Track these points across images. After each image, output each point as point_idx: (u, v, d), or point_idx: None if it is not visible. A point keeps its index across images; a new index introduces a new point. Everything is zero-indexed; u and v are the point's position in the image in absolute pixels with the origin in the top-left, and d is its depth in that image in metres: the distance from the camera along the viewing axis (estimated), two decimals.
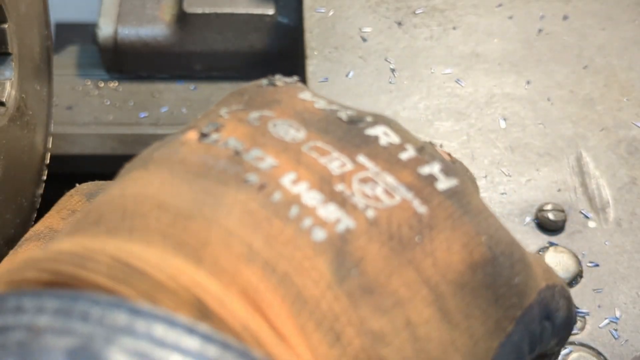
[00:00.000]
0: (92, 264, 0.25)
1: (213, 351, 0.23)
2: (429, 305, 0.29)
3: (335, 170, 0.30)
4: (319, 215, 0.29)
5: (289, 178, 0.30)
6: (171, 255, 0.26)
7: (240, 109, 0.33)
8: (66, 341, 0.23)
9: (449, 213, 0.31)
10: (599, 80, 0.62)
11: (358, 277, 0.28)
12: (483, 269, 0.30)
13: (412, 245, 0.29)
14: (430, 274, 0.29)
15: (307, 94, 0.35)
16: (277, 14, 0.75)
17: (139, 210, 0.28)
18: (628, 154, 0.58)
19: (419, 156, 0.32)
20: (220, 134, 0.31)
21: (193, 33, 0.75)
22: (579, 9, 0.66)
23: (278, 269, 0.27)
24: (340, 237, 0.28)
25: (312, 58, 0.63)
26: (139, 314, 0.24)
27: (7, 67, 0.52)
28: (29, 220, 0.55)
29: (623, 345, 0.50)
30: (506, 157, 0.58)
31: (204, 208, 0.28)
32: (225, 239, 0.27)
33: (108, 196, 0.30)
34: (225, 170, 0.30)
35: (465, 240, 0.30)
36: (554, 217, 0.54)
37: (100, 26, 0.75)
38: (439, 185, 0.31)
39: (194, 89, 0.77)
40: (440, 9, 0.66)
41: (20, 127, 0.53)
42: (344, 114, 0.34)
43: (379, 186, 0.30)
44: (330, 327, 0.27)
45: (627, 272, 0.53)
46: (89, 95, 0.76)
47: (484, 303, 0.30)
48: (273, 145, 0.31)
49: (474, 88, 0.62)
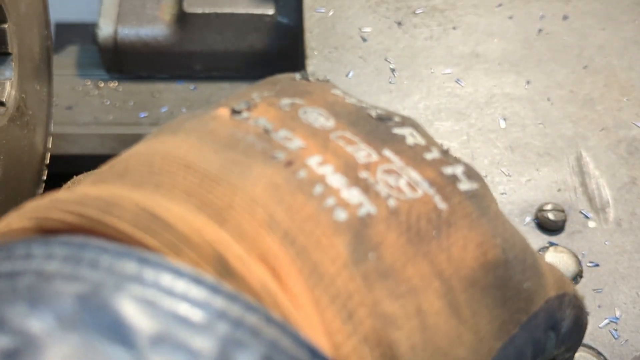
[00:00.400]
0: (118, 210, 0.26)
1: (220, 302, 0.23)
2: (440, 297, 0.29)
3: (361, 159, 0.31)
4: (342, 197, 0.29)
5: (315, 160, 0.30)
6: (195, 213, 0.27)
7: (272, 95, 0.34)
8: (76, 287, 0.23)
9: (467, 212, 0.31)
10: (599, 80, 0.62)
11: (374, 261, 0.28)
12: (495, 270, 0.31)
13: (429, 238, 0.30)
14: (443, 268, 0.30)
15: (339, 90, 0.36)
16: (277, 14, 0.75)
17: (167, 168, 0.28)
18: (628, 154, 0.58)
19: (443, 158, 0.33)
20: (251, 113, 0.32)
21: (193, 33, 0.75)
22: (579, 9, 0.66)
23: (297, 242, 0.27)
24: (360, 220, 0.29)
25: (312, 58, 0.63)
26: (148, 263, 0.24)
27: (7, 67, 0.52)
28: None
29: (623, 345, 0.50)
30: (506, 157, 0.58)
31: (231, 175, 0.28)
32: (248, 205, 0.27)
33: (134, 152, 0.30)
34: (253, 145, 0.30)
35: (481, 240, 0.31)
36: (554, 217, 0.54)
37: (100, 26, 0.75)
38: (461, 186, 0.32)
39: (194, 89, 0.77)
40: (440, 9, 0.66)
41: (20, 127, 0.53)
42: (373, 111, 0.34)
43: (402, 179, 0.31)
44: (343, 305, 0.27)
45: (627, 272, 0.53)
46: (89, 95, 0.76)
47: (492, 303, 0.30)
48: (302, 129, 0.31)
49: (474, 88, 0.62)
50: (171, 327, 0.22)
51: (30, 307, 0.22)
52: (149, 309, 0.23)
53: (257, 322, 0.24)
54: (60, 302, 0.22)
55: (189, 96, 0.76)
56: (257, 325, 0.24)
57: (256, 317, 0.24)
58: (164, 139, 0.31)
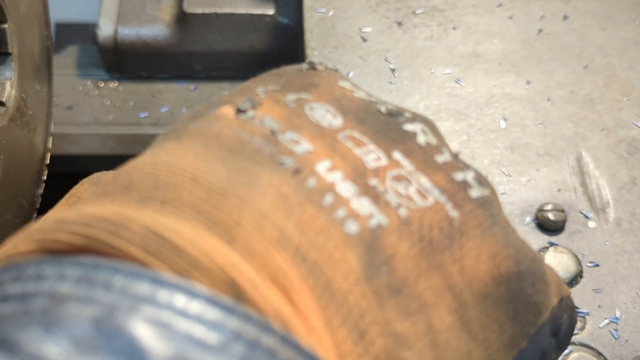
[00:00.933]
0: (126, 233, 0.25)
1: (235, 323, 0.23)
2: (451, 312, 0.29)
3: (370, 163, 0.30)
4: (352, 207, 0.28)
5: (324, 165, 0.29)
6: (204, 232, 0.26)
7: (277, 90, 0.33)
8: (90, 309, 0.22)
9: (479, 221, 0.30)
10: (599, 80, 0.62)
11: (387, 275, 0.28)
12: (507, 283, 0.30)
13: (441, 248, 0.29)
14: (456, 281, 0.29)
15: (347, 82, 0.35)
16: (277, 14, 0.75)
17: (172, 181, 0.28)
18: (628, 154, 0.58)
19: (454, 162, 0.32)
20: (257, 112, 0.31)
21: (193, 33, 0.75)
22: (579, 9, 0.66)
23: (308, 258, 0.26)
24: (371, 232, 0.28)
25: (312, 58, 0.63)
26: (161, 284, 0.23)
27: (7, 67, 0.52)
28: (29, 220, 0.55)
29: (623, 345, 0.50)
30: (506, 157, 0.58)
31: (238, 187, 0.27)
32: (257, 221, 0.27)
33: (139, 163, 0.29)
34: (260, 149, 0.29)
35: (494, 252, 0.30)
36: (554, 217, 0.54)
37: (100, 26, 0.75)
38: (472, 193, 0.31)
39: (194, 89, 0.77)
40: (440, 9, 0.66)
41: (20, 127, 0.53)
42: (383, 106, 0.33)
43: (412, 186, 0.30)
44: (355, 324, 0.26)
45: (627, 272, 0.53)
46: (89, 95, 0.76)
47: (502, 317, 0.30)
48: (309, 129, 0.31)
49: (474, 88, 0.62)
50: (187, 349, 0.22)
51: (45, 331, 0.22)
52: (164, 331, 0.22)
53: (273, 343, 0.23)
54: (75, 325, 0.22)
55: (189, 96, 0.76)
56: (273, 347, 0.23)
57: (272, 339, 0.23)
58: (169, 146, 0.30)
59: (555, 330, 0.33)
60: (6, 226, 0.51)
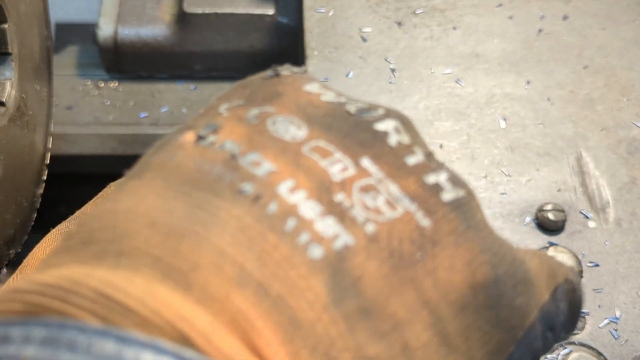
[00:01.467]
0: (75, 299, 0.25)
1: None
2: (427, 328, 0.28)
3: (336, 175, 0.29)
4: (316, 230, 0.28)
5: (287, 186, 0.29)
6: (159, 283, 0.26)
7: (240, 105, 0.32)
8: None
9: (453, 227, 0.30)
10: (599, 80, 0.62)
11: (355, 297, 0.27)
12: (485, 290, 0.29)
13: (413, 262, 0.28)
14: (430, 295, 0.28)
15: (315, 85, 0.34)
16: (277, 14, 0.75)
17: (129, 230, 0.27)
18: (628, 154, 0.58)
19: (427, 162, 0.31)
20: (218, 136, 0.30)
21: (193, 33, 0.75)
22: (579, 9, 0.66)
23: (271, 291, 0.26)
24: (337, 254, 0.27)
25: (312, 58, 0.63)
26: (126, 342, 0.23)
27: (7, 67, 0.52)
28: (29, 220, 0.55)
29: (623, 345, 0.50)
30: (506, 157, 0.58)
31: (197, 225, 0.27)
32: (216, 260, 0.26)
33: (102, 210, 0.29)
34: (220, 178, 0.29)
35: (469, 258, 0.29)
36: (554, 217, 0.54)
37: (100, 26, 0.75)
38: (445, 196, 0.30)
39: (194, 89, 0.77)
40: (440, 9, 0.66)
41: (20, 127, 0.53)
42: (352, 106, 0.32)
43: (380, 196, 0.29)
44: (325, 353, 0.26)
45: (627, 272, 0.53)
46: (89, 95, 0.76)
47: (485, 325, 0.29)
48: (271, 147, 0.30)
49: (474, 88, 0.62)
50: None
51: None
52: None
53: None
54: None
55: (189, 96, 0.76)
56: None
57: None
58: (132, 186, 0.30)
59: (550, 325, 0.32)
60: (6, 226, 0.51)
